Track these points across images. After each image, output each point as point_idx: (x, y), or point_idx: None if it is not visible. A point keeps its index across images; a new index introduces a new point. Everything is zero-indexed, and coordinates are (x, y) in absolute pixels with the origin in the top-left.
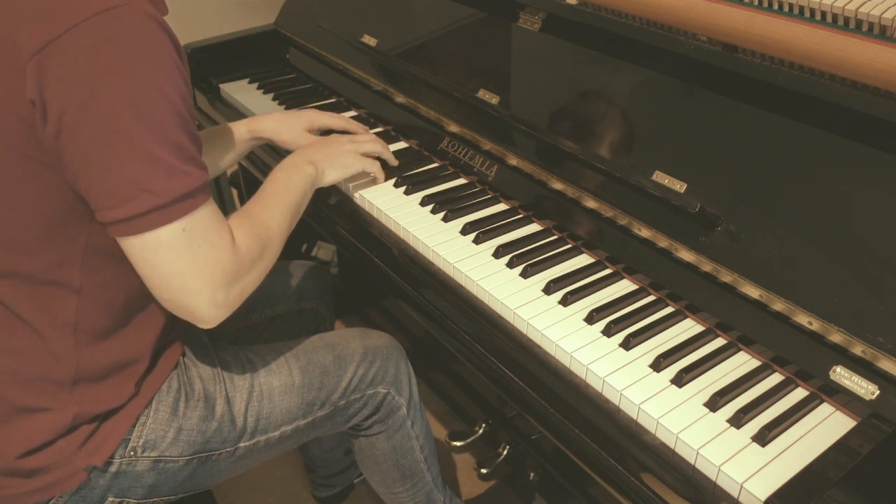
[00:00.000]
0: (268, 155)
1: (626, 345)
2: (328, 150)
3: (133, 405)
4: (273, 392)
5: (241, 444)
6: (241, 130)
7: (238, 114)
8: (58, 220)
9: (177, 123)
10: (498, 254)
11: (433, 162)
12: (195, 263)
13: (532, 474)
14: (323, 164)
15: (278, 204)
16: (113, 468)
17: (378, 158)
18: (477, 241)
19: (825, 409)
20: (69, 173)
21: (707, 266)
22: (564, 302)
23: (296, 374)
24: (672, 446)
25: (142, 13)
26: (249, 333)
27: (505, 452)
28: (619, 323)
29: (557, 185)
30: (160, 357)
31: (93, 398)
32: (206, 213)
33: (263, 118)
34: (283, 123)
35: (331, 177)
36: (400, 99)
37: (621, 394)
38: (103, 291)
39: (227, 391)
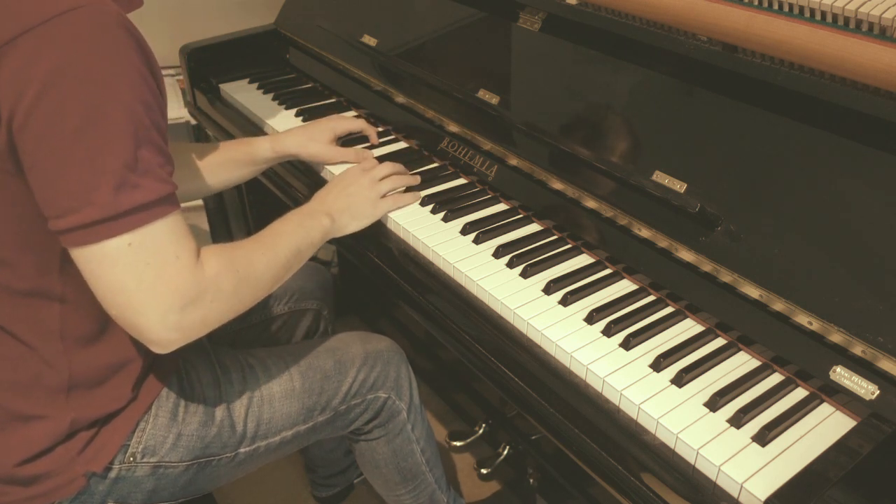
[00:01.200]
0: None
1: (626, 345)
2: (349, 201)
3: (132, 410)
4: (273, 397)
5: (241, 450)
6: (263, 147)
7: (238, 114)
8: (32, 228)
9: (133, 133)
10: (498, 254)
11: (433, 162)
12: (141, 280)
13: (532, 475)
14: (344, 217)
15: (275, 245)
16: (112, 474)
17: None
18: (477, 241)
19: (825, 409)
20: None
21: (707, 266)
22: (564, 302)
23: (296, 379)
24: (672, 446)
25: (105, 16)
26: (249, 334)
27: (505, 452)
28: (619, 323)
29: (557, 185)
30: (158, 361)
31: (89, 403)
32: (161, 229)
33: (286, 135)
34: (308, 137)
35: (351, 228)
36: (400, 99)
37: (621, 394)
38: (86, 296)
39: (226, 396)
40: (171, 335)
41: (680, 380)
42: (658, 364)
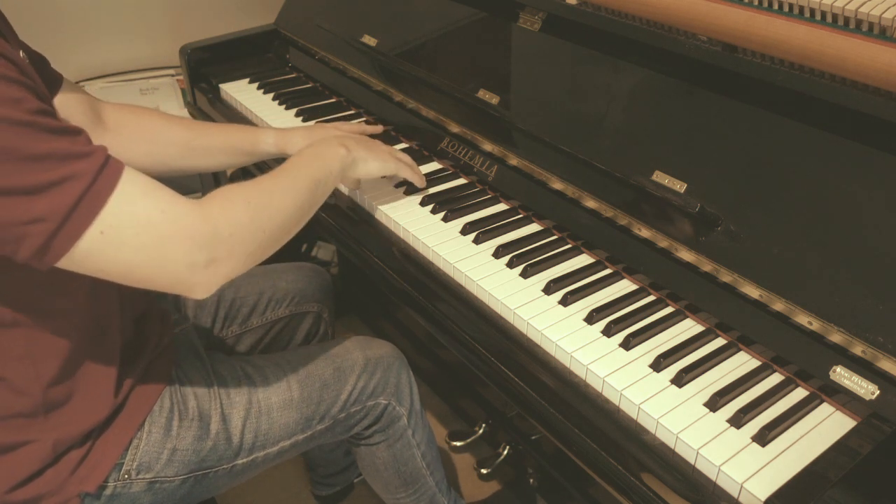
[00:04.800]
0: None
1: (626, 345)
2: (366, 143)
3: (124, 427)
4: (272, 408)
5: (239, 462)
6: (267, 141)
7: (238, 114)
8: None
9: (18, 136)
10: (498, 254)
11: (433, 162)
12: (144, 250)
13: (532, 475)
14: (360, 152)
15: (293, 174)
16: (107, 492)
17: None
18: (477, 241)
19: (825, 409)
20: None
21: (707, 266)
22: (564, 302)
23: (295, 388)
24: (672, 446)
25: None
26: (250, 337)
27: (505, 452)
28: (619, 323)
29: (557, 185)
30: (148, 374)
31: (68, 420)
32: (122, 199)
33: (291, 134)
34: (311, 140)
35: (368, 167)
36: (400, 99)
37: (621, 394)
38: (43, 314)
39: (222, 408)
40: (207, 274)
41: (680, 380)
42: (658, 364)
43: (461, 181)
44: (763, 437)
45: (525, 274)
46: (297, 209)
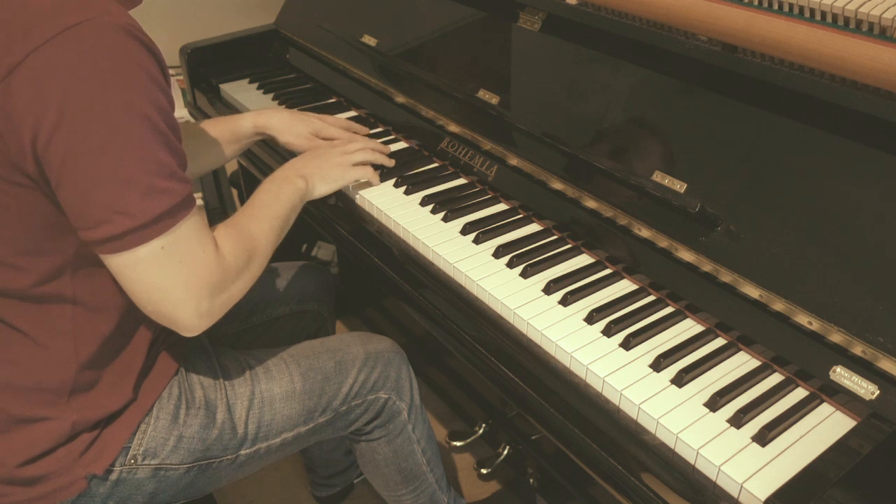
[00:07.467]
0: (269, 156)
1: (626, 345)
2: (318, 164)
3: (133, 412)
4: (274, 399)
5: (242, 452)
6: (246, 125)
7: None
8: (45, 235)
9: (153, 140)
10: (498, 254)
11: (433, 162)
12: (176, 278)
13: (532, 475)
14: (314, 178)
15: (266, 215)
16: (113, 476)
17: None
18: (477, 241)
19: (825, 409)
20: (53, 191)
21: (707, 266)
22: (564, 302)
23: (297, 380)
24: (672, 446)
25: (111, 26)
26: (250, 335)
27: (505, 452)
28: (619, 323)
29: (557, 185)
30: (160, 362)
31: (90, 404)
32: (187, 228)
33: (271, 114)
34: (290, 125)
35: (320, 190)
36: (400, 99)
37: (621, 394)
38: (97, 297)
39: (227, 398)
40: (203, 321)
41: (680, 380)
42: (658, 364)
43: (461, 181)
44: (763, 437)
45: (525, 274)
46: (272, 249)
